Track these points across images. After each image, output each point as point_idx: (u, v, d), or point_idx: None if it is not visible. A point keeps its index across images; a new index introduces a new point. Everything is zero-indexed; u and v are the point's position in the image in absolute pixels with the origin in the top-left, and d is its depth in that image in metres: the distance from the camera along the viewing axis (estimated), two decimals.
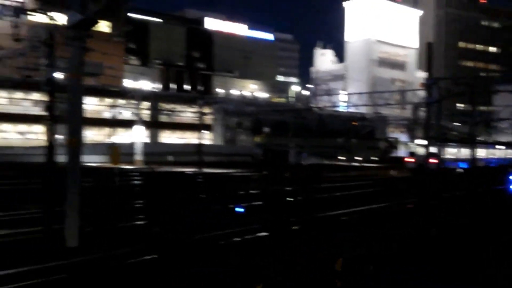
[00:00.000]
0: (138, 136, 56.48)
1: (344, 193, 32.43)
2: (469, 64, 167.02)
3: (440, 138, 37.80)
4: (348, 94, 65.66)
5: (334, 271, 9.53)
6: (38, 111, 62.18)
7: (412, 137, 70.14)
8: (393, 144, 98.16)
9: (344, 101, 74.63)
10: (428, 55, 35.67)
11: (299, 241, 16.26)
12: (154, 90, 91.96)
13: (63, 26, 15.21)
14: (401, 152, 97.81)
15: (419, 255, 12.29)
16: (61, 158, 15.95)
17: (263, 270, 12.18)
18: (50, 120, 19.67)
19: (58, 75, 18.88)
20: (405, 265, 11.62)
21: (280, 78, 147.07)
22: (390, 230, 17.59)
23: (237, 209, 21.81)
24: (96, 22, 14.86)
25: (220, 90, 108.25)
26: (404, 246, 11.59)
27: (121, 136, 59.10)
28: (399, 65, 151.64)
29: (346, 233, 17.87)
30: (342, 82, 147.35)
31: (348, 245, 14.55)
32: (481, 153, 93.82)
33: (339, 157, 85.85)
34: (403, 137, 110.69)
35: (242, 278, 11.49)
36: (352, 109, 73.26)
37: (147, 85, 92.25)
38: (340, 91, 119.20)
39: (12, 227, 17.18)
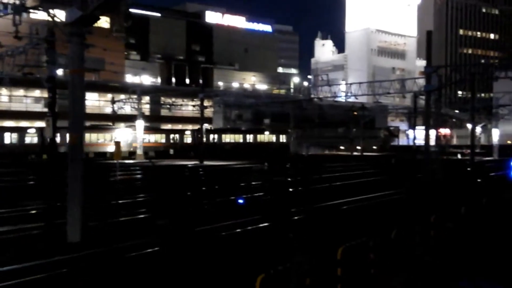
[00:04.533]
0: (139, 130, 56.66)
1: (345, 182, 32.67)
2: (469, 51, 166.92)
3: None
4: (348, 84, 65.66)
5: (335, 260, 9.73)
6: (40, 108, 62.69)
7: (412, 126, 70.37)
8: (393, 133, 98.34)
9: (344, 91, 74.66)
10: (428, 43, 35.63)
11: (301, 231, 16.50)
12: (154, 84, 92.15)
13: (63, 23, 15.35)
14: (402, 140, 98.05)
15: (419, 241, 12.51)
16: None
17: (264, 260, 12.42)
18: (51, 116, 19.92)
19: (60, 72, 19.03)
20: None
21: (281, 69, 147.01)
22: (389, 217, 17.82)
23: (238, 200, 22.09)
24: (98, 19, 15.00)
25: (220, 83, 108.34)
26: (401, 234, 11.81)
27: (122, 131, 59.25)
28: (399, 54, 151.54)
29: (347, 222, 18.12)
30: (342, 72, 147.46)
31: (349, 234, 14.78)
32: None
33: (340, 147, 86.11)
34: (403, 125, 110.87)
35: (243, 269, 11.72)
36: (352, 99, 73.24)
37: (147, 79, 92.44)
38: (340, 81, 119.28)
39: (15, 223, 17.33)
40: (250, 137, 71.55)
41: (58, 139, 36.94)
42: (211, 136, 68.29)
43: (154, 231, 16.17)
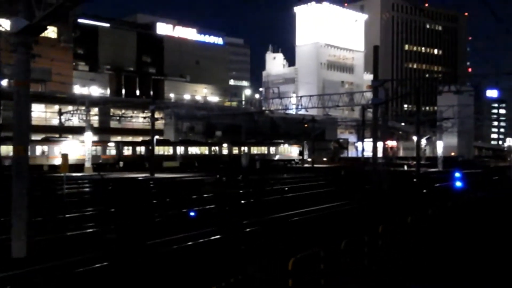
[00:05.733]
0: (88, 143, 55.42)
1: (296, 194, 32.96)
2: (414, 66, 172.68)
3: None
4: (299, 96, 66.66)
5: (286, 271, 9.81)
6: None
7: (361, 138, 72.30)
8: (343, 145, 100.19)
9: (294, 103, 75.67)
10: (374, 57, 36.67)
11: (253, 243, 16.53)
12: (104, 95, 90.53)
13: (8, 32, 14.93)
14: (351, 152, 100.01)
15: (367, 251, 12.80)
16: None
17: (216, 272, 12.38)
18: None
19: (5, 82, 18.45)
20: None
21: (232, 82, 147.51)
22: (339, 228, 18.11)
23: (190, 213, 21.96)
24: (45, 29, 14.66)
25: (171, 95, 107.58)
26: (352, 244, 12.05)
27: (70, 142, 57.78)
28: (347, 68, 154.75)
29: (299, 233, 18.28)
30: (293, 85, 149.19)
31: (299, 245, 14.93)
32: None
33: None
34: (352, 137, 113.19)
35: (195, 282, 11.65)
36: (302, 112, 74.23)
37: (96, 90, 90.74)
38: (291, 94, 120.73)
39: None
40: (273, 149, 78.69)
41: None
42: (242, 148, 74.70)
43: (103, 246, 15.84)
